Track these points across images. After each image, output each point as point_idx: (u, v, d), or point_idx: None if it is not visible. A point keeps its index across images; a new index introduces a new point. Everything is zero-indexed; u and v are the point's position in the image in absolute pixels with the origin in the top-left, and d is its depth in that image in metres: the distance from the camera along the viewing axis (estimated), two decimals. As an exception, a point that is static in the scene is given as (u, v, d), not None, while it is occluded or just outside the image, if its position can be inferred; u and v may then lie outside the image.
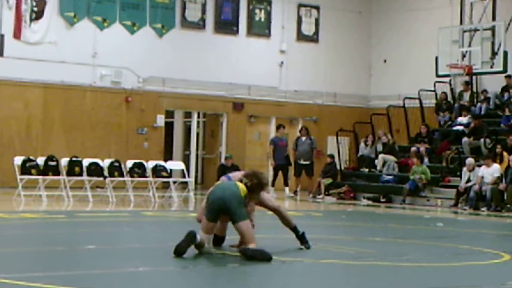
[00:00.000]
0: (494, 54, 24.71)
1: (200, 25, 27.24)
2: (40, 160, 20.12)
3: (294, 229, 10.49)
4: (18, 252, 9.66)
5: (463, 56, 25.32)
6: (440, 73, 25.70)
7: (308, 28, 29.43)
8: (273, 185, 25.40)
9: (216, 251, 9.88)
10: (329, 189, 24.81)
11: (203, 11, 27.24)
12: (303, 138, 25.52)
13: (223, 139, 27.93)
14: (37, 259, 8.97)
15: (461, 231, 15.20)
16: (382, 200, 23.56)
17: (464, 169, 22.08)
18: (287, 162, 25.29)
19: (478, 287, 8.19)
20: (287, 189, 25.08)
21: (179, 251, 9.15)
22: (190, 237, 9.24)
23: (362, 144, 26.30)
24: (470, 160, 22.09)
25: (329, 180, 24.97)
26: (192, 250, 9.33)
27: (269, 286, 7.99)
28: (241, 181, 9.75)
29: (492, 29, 25.04)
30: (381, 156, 25.26)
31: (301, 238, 10.44)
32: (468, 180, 21.71)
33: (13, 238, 11.45)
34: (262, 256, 9.15)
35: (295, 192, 25.01)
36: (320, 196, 24.43)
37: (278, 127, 26.00)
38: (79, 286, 7.32)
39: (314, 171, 25.50)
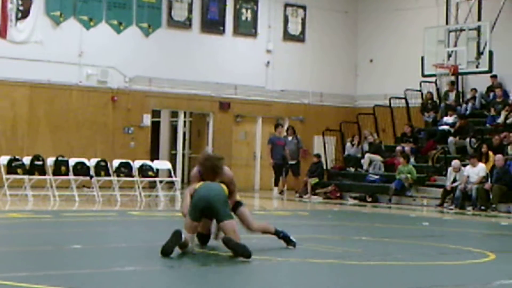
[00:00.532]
0: (479, 54, 24.79)
1: (186, 24, 27.23)
2: (26, 160, 20.08)
3: (276, 233, 10.42)
4: (4, 252, 9.63)
5: (449, 56, 25.39)
6: (426, 72, 25.77)
7: (294, 28, 29.46)
8: (276, 184, 25.14)
9: (204, 250, 9.87)
10: (315, 189, 24.83)
11: (190, 11, 27.23)
12: (290, 138, 25.53)
13: (209, 139, 27.93)
14: (23, 259, 8.94)
15: (447, 230, 15.25)
16: (368, 199, 23.60)
17: (450, 169, 22.15)
18: (284, 162, 25.16)
19: (464, 286, 8.22)
20: (276, 189, 25.02)
21: (166, 251, 9.13)
22: (176, 236, 9.22)
23: (348, 144, 26.35)
24: (456, 162, 22.14)
25: (316, 180, 24.97)
26: (176, 250, 9.32)
27: (255, 285, 8.00)
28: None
29: (478, 29, 25.12)
30: (367, 155, 25.31)
31: (285, 238, 10.39)
32: (454, 180, 21.77)
33: (-1, 238, 11.42)
34: (243, 251, 9.12)
35: (281, 192, 25.01)
36: (307, 196, 24.44)
37: (276, 126, 25.78)
38: (65, 285, 7.31)
39: (301, 170, 25.52)
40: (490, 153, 22.04)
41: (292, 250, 10.24)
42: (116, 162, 21.27)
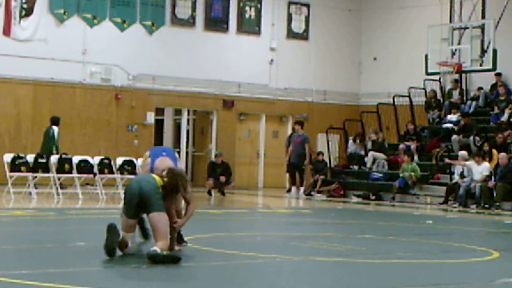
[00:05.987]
0: (483, 52, 24.78)
1: (190, 22, 27.24)
2: (30, 158, 20.08)
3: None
4: (8, 249, 9.64)
5: (453, 54, 25.38)
6: (429, 71, 25.76)
7: (298, 26, 29.45)
8: (294, 183, 24.42)
9: (208, 248, 9.86)
10: (319, 187, 24.79)
11: (193, 9, 27.23)
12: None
13: (213, 137, 27.94)
14: (27, 257, 8.94)
15: (450, 228, 15.24)
16: (372, 197, 23.59)
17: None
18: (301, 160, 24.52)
19: (467, 284, 8.22)
20: (302, 189, 24.40)
21: (109, 251, 8.68)
22: (113, 232, 8.72)
23: (350, 141, 26.23)
24: (462, 153, 22.08)
25: (322, 177, 24.92)
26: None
27: (259, 283, 8.00)
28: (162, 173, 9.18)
29: (482, 27, 25.11)
30: (371, 153, 25.28)
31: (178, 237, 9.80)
32: (462, 175, 21.62)
33: (2, 236, 11.42)
34: (172, 260, 8.67)
35: (289, 190, 24.87)
36: (312, 193, 24.37)
37: (296, 123, 25.00)
38: (69, 283, 7.32)
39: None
40: (494, 151, 22.00)
41: (294, 248, 10.20)
42: (119, 160, 21.26)
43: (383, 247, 11.31)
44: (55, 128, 21.82)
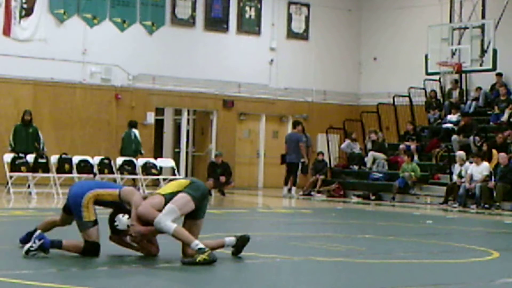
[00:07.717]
0: (483, 52, 24.79)
1: (190, 22, 27.24)
2: (30, 158, 20.09)
3: None
4: (9, 249, 9.63)
5: (453, 54, 25.39)
6: (429, 71, 25.76)
7: (298, 26, 29.46)
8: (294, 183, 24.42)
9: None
10: (319, 187, 24.80)
11: (193, 8, 27.24)
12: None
13: (213, 137, 27.94)
14: (27, 257, 8.93)
15: (450, 228, 15.24)
16: (372, 197, 23.59)
17: (457, 164, 22.10)
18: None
19: (468, 284, 8.22)
20: (294, 188, 24.37)
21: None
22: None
23: (347, 141, 26.12)
24: (460, 154, 22.11)
25: (322, 177, 24.92)
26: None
27: (260, 283, 8.00)
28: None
29: (482, 27, 25.12)
30: (370, 153, 25.28)
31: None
32: (460, 175, 21.68)
33: (2, 236, 11.42)
34: (248, 238, 9.19)
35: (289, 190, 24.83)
36: (312, 193, 24.38)
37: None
38: (70, 283, 7.32)
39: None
40: (494, 151, 22.01)
41: (294, 248, 10.18)
42: (119, 160, 21.28)
43: (383, 247, 11.31)
44: (135, 131, 22.18)
